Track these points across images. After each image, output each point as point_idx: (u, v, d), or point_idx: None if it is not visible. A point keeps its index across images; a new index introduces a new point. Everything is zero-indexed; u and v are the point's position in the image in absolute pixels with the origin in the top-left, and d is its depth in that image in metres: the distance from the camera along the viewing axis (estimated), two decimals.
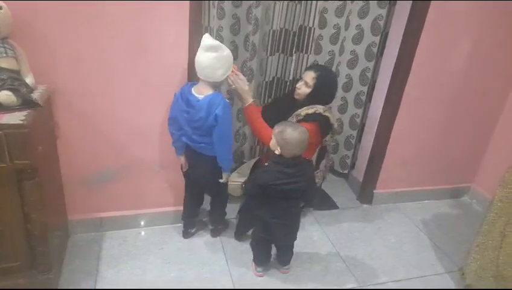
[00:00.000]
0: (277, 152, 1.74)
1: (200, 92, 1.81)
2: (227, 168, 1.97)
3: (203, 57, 1.74)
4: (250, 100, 2.00)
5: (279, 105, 2.25)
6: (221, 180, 1.99)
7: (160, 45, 1.83)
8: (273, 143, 1.76)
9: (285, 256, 2.03)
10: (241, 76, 1.97)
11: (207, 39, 1.72)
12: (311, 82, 2.05)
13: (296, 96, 2.13)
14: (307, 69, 2.16)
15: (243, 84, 1.97)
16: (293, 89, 2.20)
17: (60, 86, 1.77)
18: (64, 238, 2.05)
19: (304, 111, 2.05)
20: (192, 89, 1.84)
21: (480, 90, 2.56)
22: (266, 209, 1.84)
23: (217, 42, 1.74)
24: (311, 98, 2.08)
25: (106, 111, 1.89)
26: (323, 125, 2.05)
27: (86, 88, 1.81)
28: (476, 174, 2.92)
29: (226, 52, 1.77)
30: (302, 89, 2.09)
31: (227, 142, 1.86)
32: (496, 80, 2.56)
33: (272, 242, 1.98)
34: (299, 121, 2.02)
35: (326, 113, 2.05)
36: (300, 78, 2.15)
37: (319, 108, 2.06)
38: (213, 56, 1.73)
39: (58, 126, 1.85)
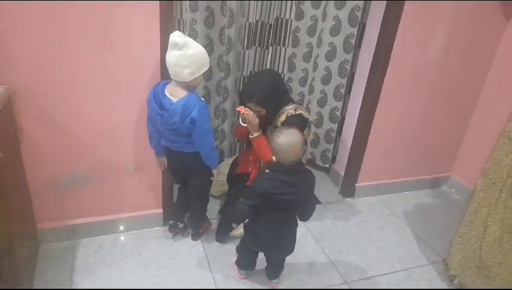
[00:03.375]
0: (274, 159, 1.63)
1: (173, 94, 1.72)
2: (215, 165, 1.95)
3: (169, 55, 1.66)
4: (259, 132, 1.94)
5: None
6: (212, 178, 1.99)
7: (129, 39, 1.73)
8: (271, 151, 1.66)
9: (274, 270, 1.91)
10: (250, 115, 1.88)
11: (172, 36, 1.62)
12: (258, 108, 1.93)
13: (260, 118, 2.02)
14: (243, 100, 1.98)
15: (254, 120, 1.90)
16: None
17: (20, 86, 1.64)
18: (34, 249, 1.93)
19: (278, 121, 1.98)
20: (166, 90, 1.74)
21: (456, 80, 2.57)
22: (259, 220, 1.69)
23: (183, 40, 1.62)
24: (272, 112, 2.00)
25: (72, 111, 1.77)
26: (300, 123, 2.00)
27: (49, 87, 1.69)
28: (454, 164, 2.95)
29: (193, 50, 1.65)
30: (260, 114, 1.95)
31: (208, 142, 1.82)
32: (471, 70, 2.57)
33: (260, 252, 1.88)
34: None
35: (298, 111, 1.98)
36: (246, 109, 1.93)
37: (289, 109, 1.98)
38: (177, 54, 1.63)
39: (21, 129, 1.72)
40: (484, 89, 2.68)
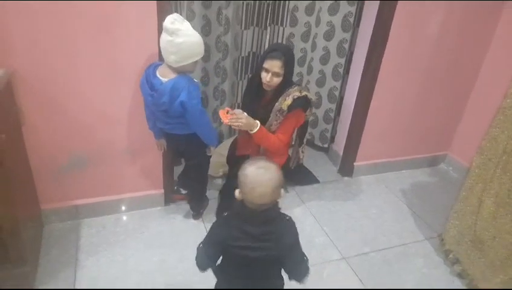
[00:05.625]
0: (236, 194, 1.20)
1: (164, 75, 1.72)
2: (214, 144, 1.98)
3: (161, 37, 1.66)
4: (257, 125, 1.91)
5: (248, 105, 2.07)
6: (209, 154, 2.02)
7: (126, 21, 1.72)
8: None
9: None
10: (236, 114, 1.86)
11: (167, 20, 1.60)
12: (280, 71, 1.90)
13: (267, 88, 1.99)
14: (270, 57, 1.89)
15: (243, 119, 1.87)
16: (255, 81, 2.03)
17: (20, 69, 1.64)
18: (39, 229, 1.97)
19: (284, 104, 1.95)
20: (157, 71, 1.74)
21: (454, 60, 2.56)
22: (225, 279, 1.34)
23: (175, 26, 1.59)
24: (283, 84, 1.97)
25: (72, 93, 1.79)
26: (305, 105, 2.00)
27: (48, 70, 1.70)
28: (451, 142, 2.97)
29: (182, 39, 1.61)
30: (273, 80, 1.92)
31: (204, 123, 1.83)
32: (469, 49, 2.56)
33: None
34: (284, 116, 1.96)
35: (303, 93, 1.98)
36: (263, 69, 1.92)
37: (294, 91, 1.97)
38: (166, 40, 1.63)
39: (22, 112, 1.74)
40: (482, 68, 2.67)
